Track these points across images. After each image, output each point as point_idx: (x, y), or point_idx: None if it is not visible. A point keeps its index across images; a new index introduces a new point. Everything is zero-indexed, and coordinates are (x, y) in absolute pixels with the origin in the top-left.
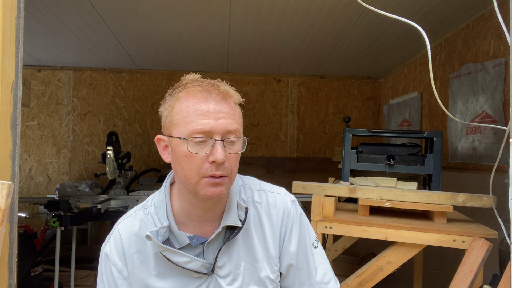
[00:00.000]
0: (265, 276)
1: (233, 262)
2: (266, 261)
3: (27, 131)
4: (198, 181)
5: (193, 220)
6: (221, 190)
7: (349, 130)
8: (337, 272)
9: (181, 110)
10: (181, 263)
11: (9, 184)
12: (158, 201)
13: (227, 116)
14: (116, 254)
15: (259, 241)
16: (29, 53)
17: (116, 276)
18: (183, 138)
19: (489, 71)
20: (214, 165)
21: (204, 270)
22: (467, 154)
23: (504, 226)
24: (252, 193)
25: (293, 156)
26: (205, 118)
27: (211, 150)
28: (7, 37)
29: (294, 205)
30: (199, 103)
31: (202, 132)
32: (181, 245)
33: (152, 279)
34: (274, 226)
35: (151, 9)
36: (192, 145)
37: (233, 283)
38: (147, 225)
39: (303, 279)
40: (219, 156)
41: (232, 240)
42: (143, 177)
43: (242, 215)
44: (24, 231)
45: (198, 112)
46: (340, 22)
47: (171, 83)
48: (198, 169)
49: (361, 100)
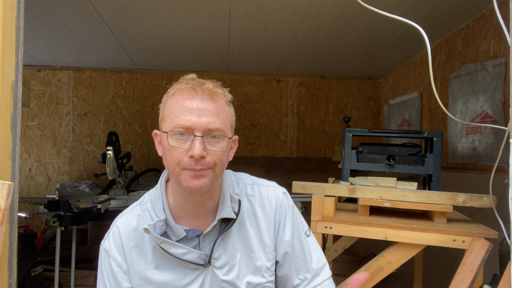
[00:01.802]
0: (261, 265)
1: (228, 253)
2: (262, 250)
3: (27, 131)
4: (179, 172)
5: (188, 213)
6: (203, 182)
7: (349, 130)
8: (337, 272)
9: (170, 106)
10: (178, 255)
11: (9, 184)
12: (155, 196)
13: (210, 115)
14: (115, 249)
15: (254, 231)
16: (29, 53)
17: (115, 270)
18: (166, 132)
19: (489, 71)
20: (193, 159)
21: (200, 261)
22: (467, 154)
23: (504, 226)
24: (245, 187)
25: (293, 156)
26: (188, 115)
27: (190, 145)
28: (7, 37)
29: (286, 197)
30: (185, 100)
31: (183, 128)
32: (178, 237)
33: (151, 271)
34: (268, 217)
35: (151, 9)
36: (174, 139)
37: (229, 273)
38: (145, 220)
39: (299, 265)
40: (196, 152)
41: (227, 232)
42: (143, 177)
43: (236, 207)
44: (24, 231)
45: (183, 108)
46: (340, 22)
47: (171, 83)
48: (179, 162)
49: (361, 100)
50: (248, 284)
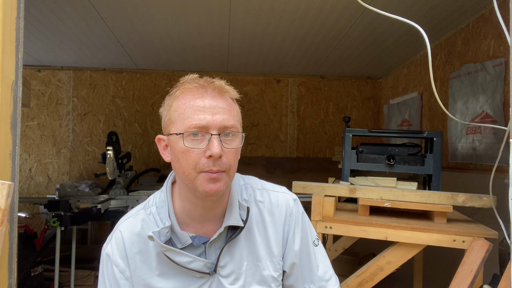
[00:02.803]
0: (268, 275)
1: (235, 261)
2: (269, 260)
3: (27, 131)
4: (196, 177)
5: (195, 220)
6: (219, 186)
7: (349, 130)
8: (337, 272)
9: (178, 107)
10: (183, 263)
11: (9, 184)
12: (160, 201)
13: (223, 112)
14: (118, 254)
15: (262, 240)
16: (29, 53)
17: (118, 276)
18: (179, 134)
19: (489, 71)
20: (211, 160)
21: (206, 270)
22: (467, 154)
23: (504, 226)
24: (254, 192)
25: (293, 156)
26: (201, 114)
27: (208, 145)
28: (7, 37)
29: (296, 204)
30: (195, 99)
31: (198, 127)
32: (183, 245)
33: (154, 279)
34: (276, 225)
35: (151, 9)
36: (188, 140)
37: (235, 283)
38: (149, 225)
39: (304, 275)
40: (215, 150)
41: (234, 240)
42: (143, 177)
43: (244, 214)
44: (24, 231)
45: (194, 107)
46: (340, 22)
47: (171, 83)
48: (195, 164)
49: (361, 100)
50: None
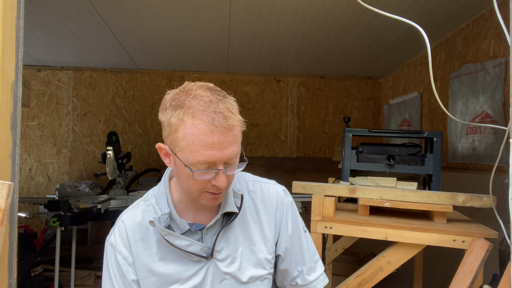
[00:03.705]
0: (262, 257)
1: (230, 246)
2: (263, 244)
3: (27, 131)
4: (199, 194)
5: (192, 210)
6: (220, 199)
7: (349, 130)
8: (337, 272)
9: (186, 137)
10: (182, 246)
11: (9, 184)
12: (159, 192)
13: (230, 145)
14: (121, 242)
15: (255, 226)
16: (29, 53)
17: (121, 262)
18: (188, 167)
19: (489, 71)
20: (216, 186)
21: (203, 253)
22: (467, 154)
23: (504, 226)
24: (246, 183)
25: (293, 156)
26: (210, 150)
27: (214, 177)
28: (7, 37)
29: (286, 194)
30: (204, 135)
31: (207, 163)
32: (182, 231)
33: (155, 264)
34: (269, 212)
35: (151, 9)
36: (196, 174)
37: (231, 266)
38: (149, 214)
39: (297, 258)
40: (221, 184)
41: (229, 226)
42: (143, 177)
43: (238, 202)
44: (24, 231)
45: (204, 143)
46: (340, 22)
47: (171, 83)
48: (201, 188)
49: (361, 100)
50: (250, 276)
